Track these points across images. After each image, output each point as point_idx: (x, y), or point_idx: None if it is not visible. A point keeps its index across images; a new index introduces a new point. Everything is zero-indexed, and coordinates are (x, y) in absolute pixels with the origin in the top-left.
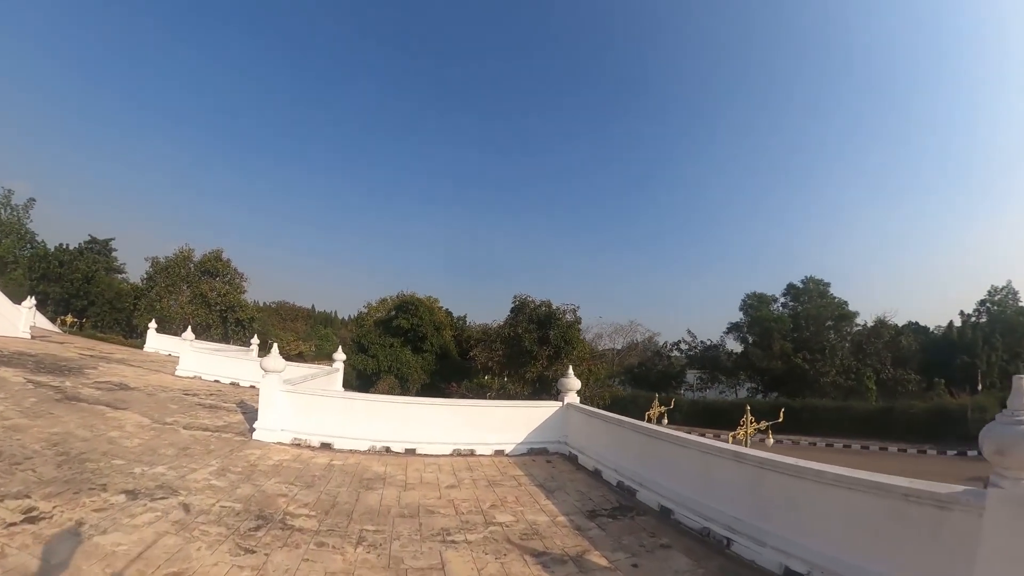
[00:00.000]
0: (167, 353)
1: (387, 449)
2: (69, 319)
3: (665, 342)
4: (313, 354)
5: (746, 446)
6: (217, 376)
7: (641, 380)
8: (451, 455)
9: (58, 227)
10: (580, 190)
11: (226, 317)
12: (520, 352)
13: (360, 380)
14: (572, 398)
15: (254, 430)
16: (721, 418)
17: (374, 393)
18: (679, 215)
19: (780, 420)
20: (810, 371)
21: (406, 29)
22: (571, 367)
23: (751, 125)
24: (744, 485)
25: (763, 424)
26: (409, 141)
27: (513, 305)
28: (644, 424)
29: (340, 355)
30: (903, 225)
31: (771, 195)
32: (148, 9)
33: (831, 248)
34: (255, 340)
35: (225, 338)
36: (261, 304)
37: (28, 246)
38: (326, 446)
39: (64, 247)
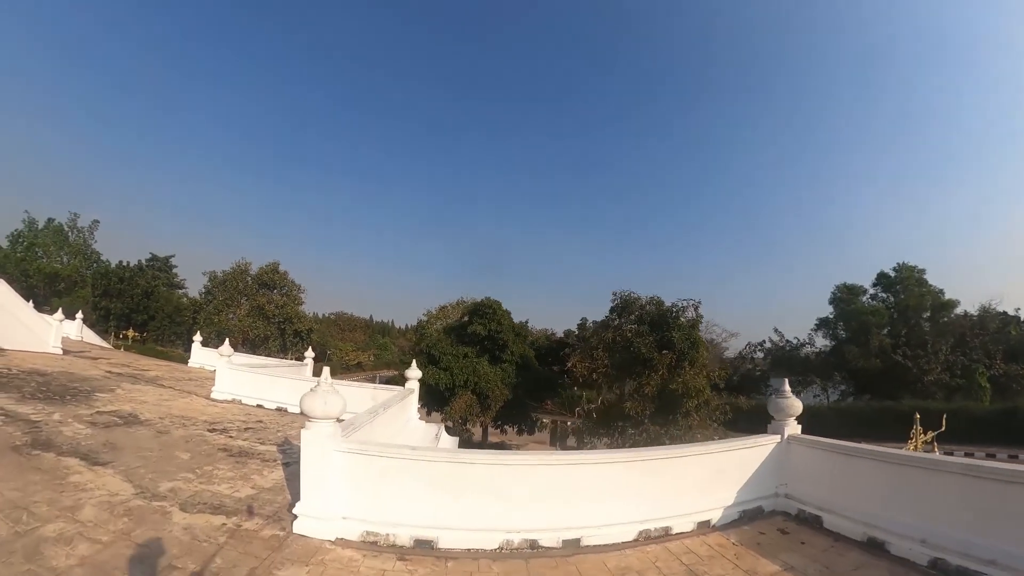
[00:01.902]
0: (212, 369)
1: (533, 545)
2: (131, 333)
3: (748, 343)
4: (372, 364)
5: None
6: (260, 400)
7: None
8: (638, 541)
9: (123, 246)
10: (648, 191)
11: (284, 329)
12: (633, 360)
13: (430, 396)
14: (793, 427)
15: (295, 517)
16: (826, 428)
17: (449, 414)
18: (759, 207)
19: (943, 429)
20: (912, 369)
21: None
22: (786, 381)
23: (818, 114)
24: None
25: (929, 435)
26: (455, 160)
27: (613, 304)
28: (980, 462)
29: (414, 372)
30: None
31: (839, 183)
32: (203, 36)
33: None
34: (310, 353)
35: (283, 349)
36: (319, 316)
37: (93, 265)
38: (423, 545)
39: (125, 264)
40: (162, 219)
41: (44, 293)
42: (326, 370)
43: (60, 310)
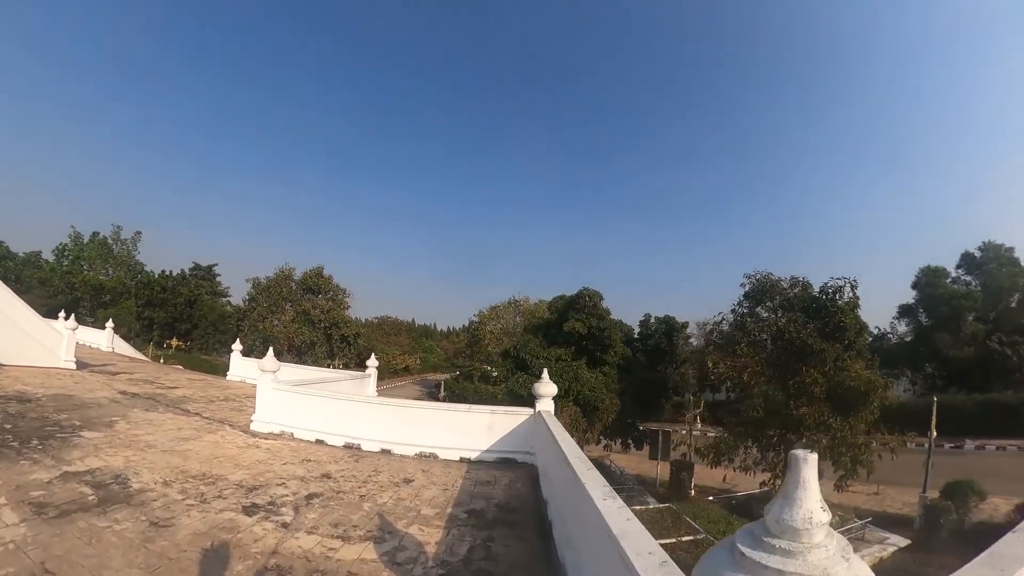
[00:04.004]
0: (253, 383)
1: None
2: (175, 342)
3: None
4: (419, 367)
5: None
6: (320, 432)
7: (710, 385)
8: None
9: (168, 256)
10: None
11: (331, 334)
12: (791, 354)
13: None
14: None
15: None
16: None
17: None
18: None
19: None
20: (1012, 356)
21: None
22: None
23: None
24: None
25: None
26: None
27: (747, 289)
28: None
29: (548, 387)
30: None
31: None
32: (242, 42)
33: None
34: (373, 362)
35: (330, 355)
36: (363, 320)
37: (137, 276)
38: None
39: (168, 273)
40: (205, 228)
41: (90, 305)
42: None
43: (72, 317)
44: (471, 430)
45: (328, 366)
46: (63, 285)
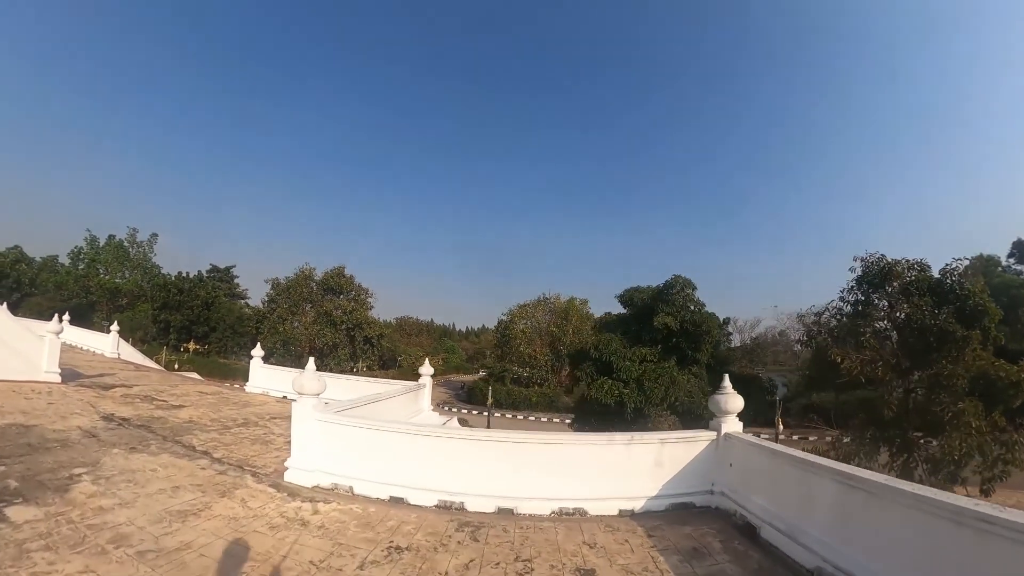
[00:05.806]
0: (279, 397)
1: None
2: (191, 346)
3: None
4: (442, 368)
5: None
6: (394, 484)
7: (821, 382)
8: None
9: (188, 258)
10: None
11: (353, 336)
12: (925, 344)
13: (602, 420)
14: None
15: None
16: None
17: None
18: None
19: None
20: None
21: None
22: None
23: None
24: None
25: None
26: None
27: (858, 274)
28: None
29: (734, 401)
30: None
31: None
32: (255, 49)
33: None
34: (426, 369)
35: (353, 357)
36: (383, 321)
37: (153, 279)
38: None
39: (184, 275)
40: (223, 230)
41: (107, 309)
42: None
43: (57, 318)
44: (632, 469)
45: (351, 369)
46: (78, 289)
